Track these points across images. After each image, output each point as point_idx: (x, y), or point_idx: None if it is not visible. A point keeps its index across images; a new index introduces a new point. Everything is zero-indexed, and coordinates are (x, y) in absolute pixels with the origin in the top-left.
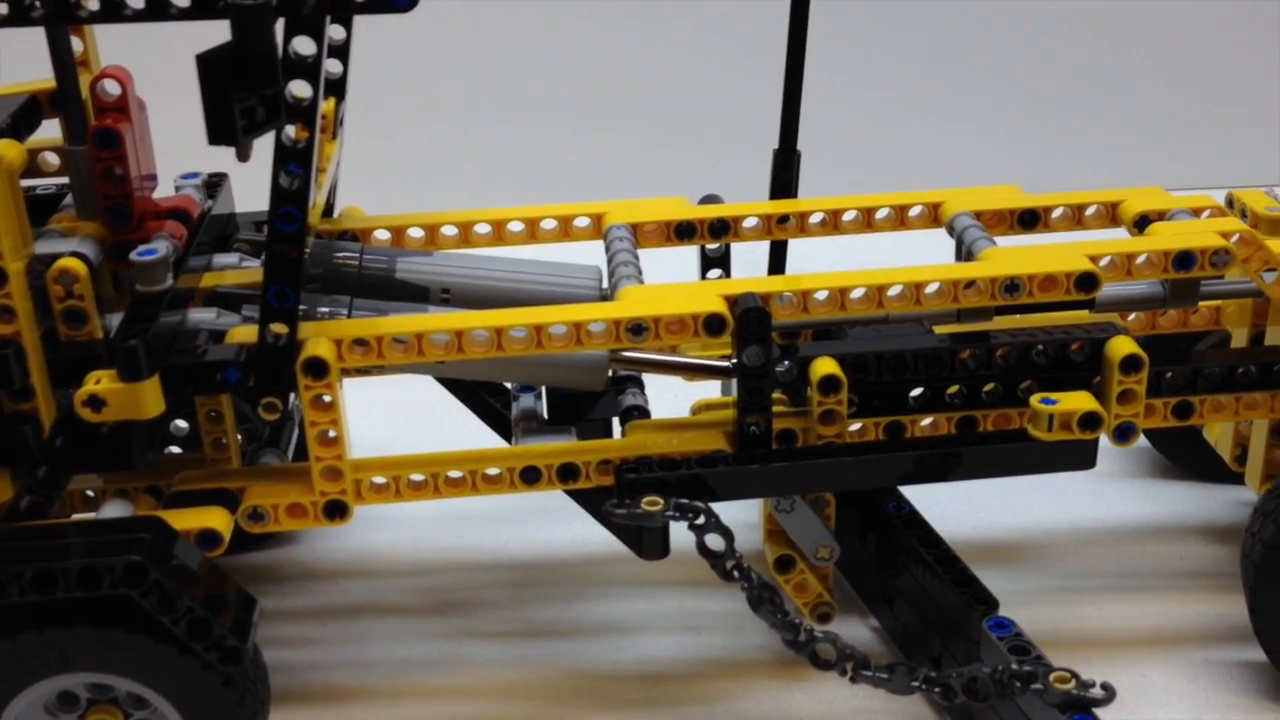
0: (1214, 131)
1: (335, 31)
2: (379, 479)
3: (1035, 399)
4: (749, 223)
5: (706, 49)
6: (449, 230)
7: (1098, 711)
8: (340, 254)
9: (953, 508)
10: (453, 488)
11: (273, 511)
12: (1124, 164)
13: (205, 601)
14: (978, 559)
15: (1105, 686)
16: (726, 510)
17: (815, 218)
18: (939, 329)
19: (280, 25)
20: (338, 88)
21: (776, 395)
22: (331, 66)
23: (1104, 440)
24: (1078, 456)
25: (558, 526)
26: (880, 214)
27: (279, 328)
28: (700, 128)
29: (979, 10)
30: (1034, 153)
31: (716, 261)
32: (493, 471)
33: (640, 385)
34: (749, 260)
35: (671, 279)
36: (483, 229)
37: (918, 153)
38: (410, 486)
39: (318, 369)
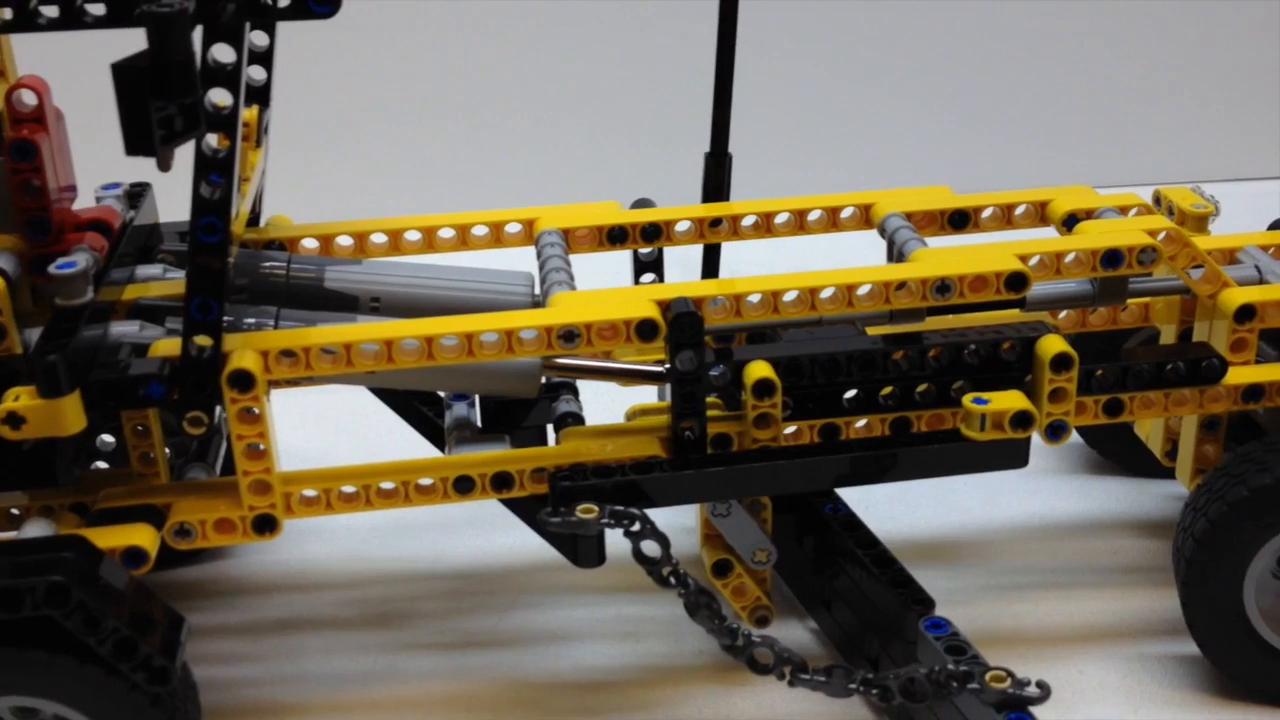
0: (1141, 129)
1: (258, 38)
2: (309, 492)
3: (968, 399)
4: (681, 226)
5: (637, 53)
6: (378, 238)
7: (1034, 710)
8: (267, 264)
9: (889, 507)
10: (385, 499)
11: (200, 527)
12: (1053, 163)
13: (131, 621)
14: (915, 558)
15: (1040, 685)
16: (663, 516)
17: (748, 220)
18: (872, 330)
19: (198, 33)
20: (261, 95)
21: (711, 400)
22: (255, 73)
23: (1036, 437)
24: (1010, 456)
25: (494, 534)
26: (812, 216)
27: (203, 340)
28: (632, 132)
29: (907, 12)
30: (964, 153)
31: (650, 266)
32: (426, 482)
33: (575, 391)
34: (685, 264)
35: (605, 284)
36: (413, 236)
37: (849, 154)
38: (341, 499)
39: (244, 382)
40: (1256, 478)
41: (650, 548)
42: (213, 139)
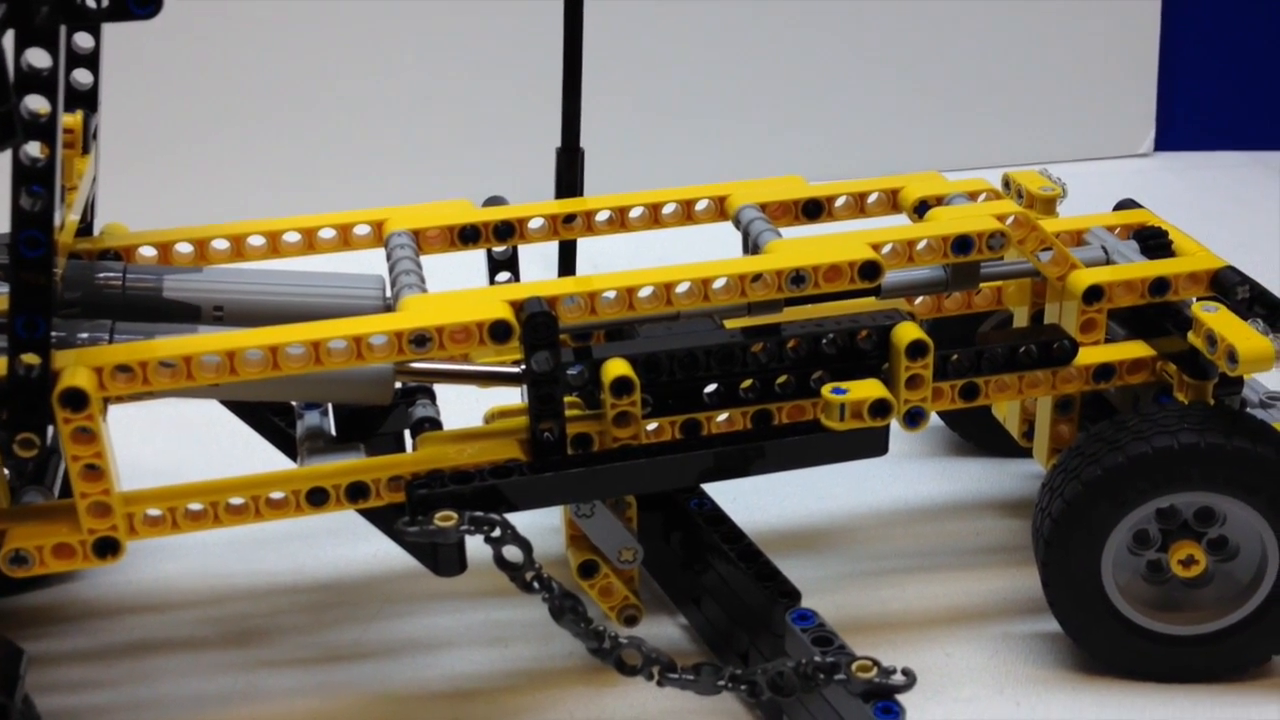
0: (989, 112)
1: (83, 40)
2: (153, 511)
3: (826, 389)
4: (535, 224)
5: (484, 46)
6: (220, 244)
7: (901, 697)
8: (102, 274)
9: (757, 499)
10: (234, 515)
11: (37, 554)
12: (905, 149)
13: None
14: (783, 548)
15: (906, 672)
16: (527, 516)
17: (602, 216)
18: (730, 323)
19: (11, 37)
20: (89, 99)
21: (570, 399)
22: (81, 76)
23: (896, 424)
24: (870, 444)
25: (357, 544)
26: (667, 209)
27: (30, 359)
28: (482, 128)
29: (755, 3)
30: (818, 142)
31: (504, 264)
32: (277, 496)
33: (431, 396)
34: (548, 261)
35: (460, 285)
36: (256, 241)
37: (704, 146)
38: (188, 517)
39: (76, 400)
40: (1109, 457)
41: (512, 553)
42: (32, 148)
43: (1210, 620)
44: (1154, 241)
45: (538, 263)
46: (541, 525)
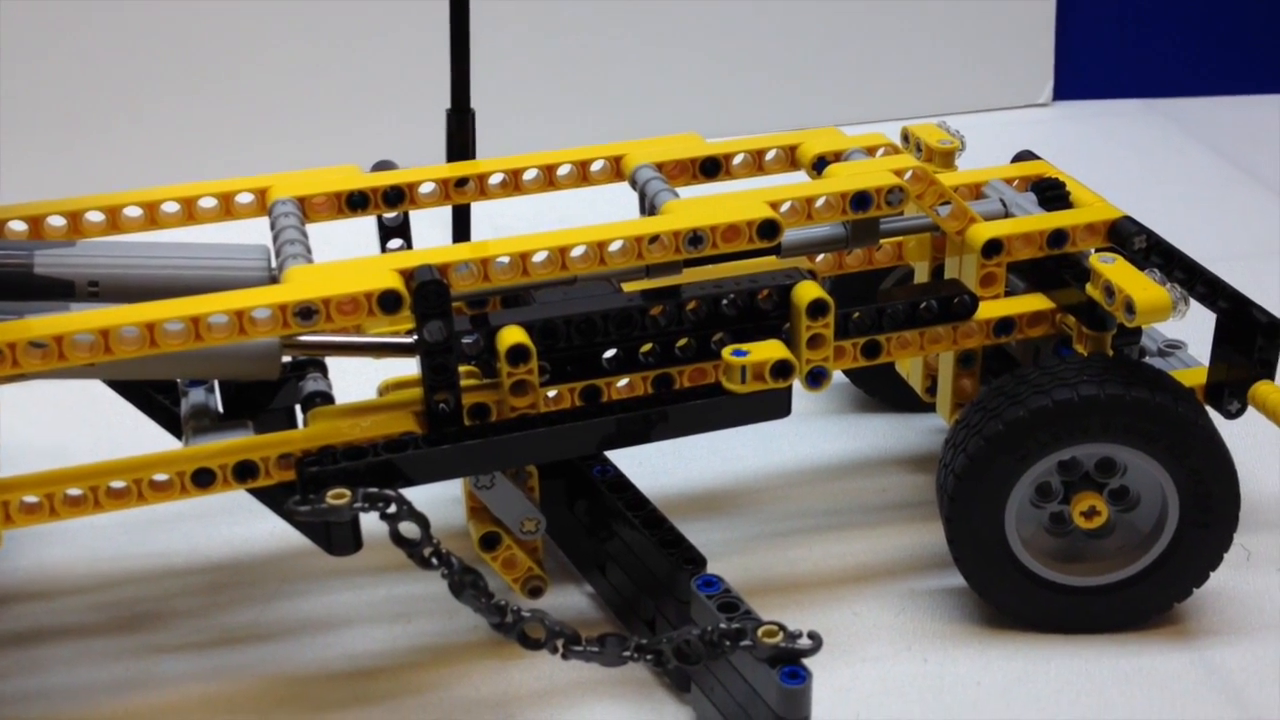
0: (886, 64)
1: None
2: (30, 498)
3: (727, 351)
4: (426, 188)
5: (368, 5)
6: (94, 216)
7: (808, 660)
8: None
9: (662, 462)
10: (116, 500)
11: None
12: (803, 104)
13: None
14: (690, 512)
15: (812, 636)
16: (426, 489)
17: (495, 179)
18: (628, 286)
19: None
20: None
21: (466, 369)
22: None
23: (799, 384)
24: (773, 406)
25: (253, 521)
26: (562, 171)
27: None
28: (368, 90)
29: None
30: (714, 98)
31: (396, 231)
32: (161, 478)
33: (323, 369)
34: (443, 227)
35: (350, 254)
36: (133, 212)
37: (598, 104)
38: (67, 503)
39: None
40: (1010, 411)
41: (409, 529)
42: None
43: (1113, 570)
44: (1052, 193)
45: (438, 228)
46: (442, 496)
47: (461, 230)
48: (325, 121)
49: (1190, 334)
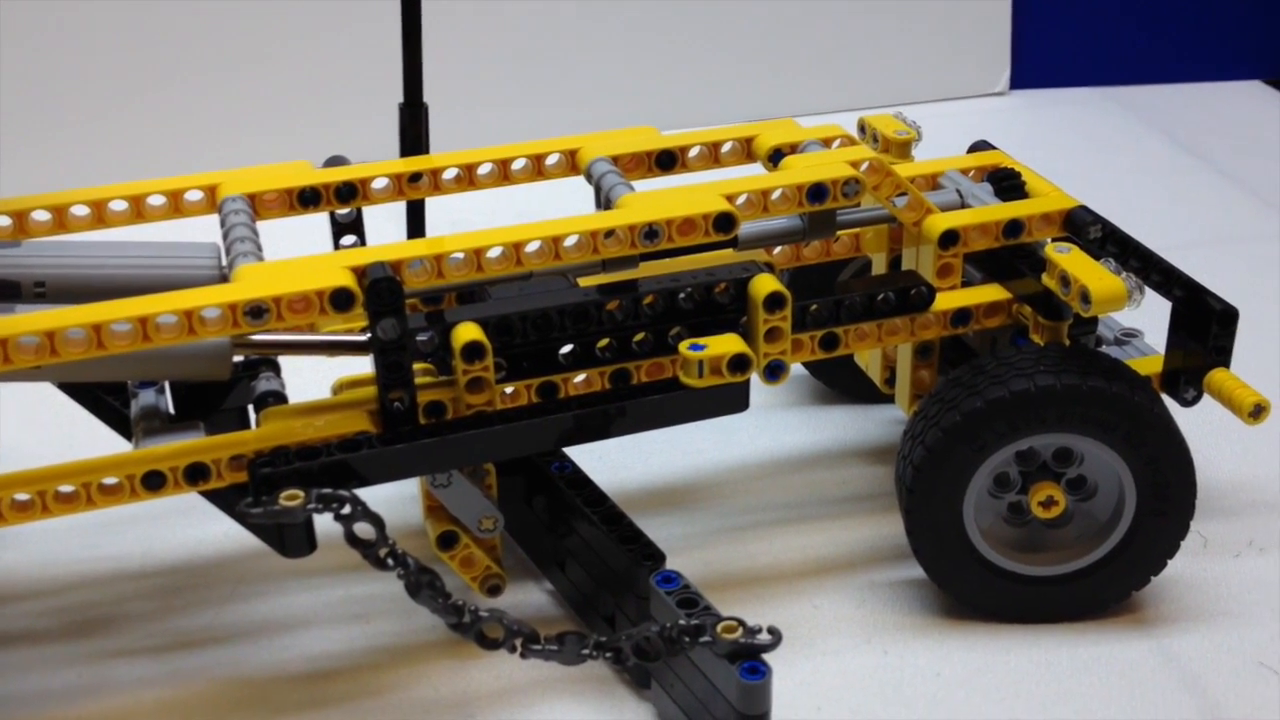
0: (842, 55)
1: None
2: None
3: (684, 346)
4: (379, 184)
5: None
6: (41, 215)
7: (768, 654)
8: None
9: (622, 457)
10: (64, 504)
11: None
12: (758, 95)
13: None
14: (649, 507)
15: (772, 631)
16: (382, 487)
17: (449, 173)
18: (584, 281)
19: None
20: None
21: (421, 366)
22: None
23: (756, 378)
24: (731, 400)
25: (207, 523)
26: (517, 165)
27: None
28: (319, 84)
29: None
30: (669, 90)
31: (349, 228)
32: (110, 481)
33: (275, 368)
34: (398, 223)
35: (303, 251)
36: (80, 211)
37: (553, 97)
38: (14, 508)
39: None
40: (967, 402)
41: (364, 530)
42: None
43: (1072, 559)
44: (1007, 183)
45: (393, 223)
46: (398, 495)
47: (416, 226)
48: (276, 117)
49: (1146, 322)
